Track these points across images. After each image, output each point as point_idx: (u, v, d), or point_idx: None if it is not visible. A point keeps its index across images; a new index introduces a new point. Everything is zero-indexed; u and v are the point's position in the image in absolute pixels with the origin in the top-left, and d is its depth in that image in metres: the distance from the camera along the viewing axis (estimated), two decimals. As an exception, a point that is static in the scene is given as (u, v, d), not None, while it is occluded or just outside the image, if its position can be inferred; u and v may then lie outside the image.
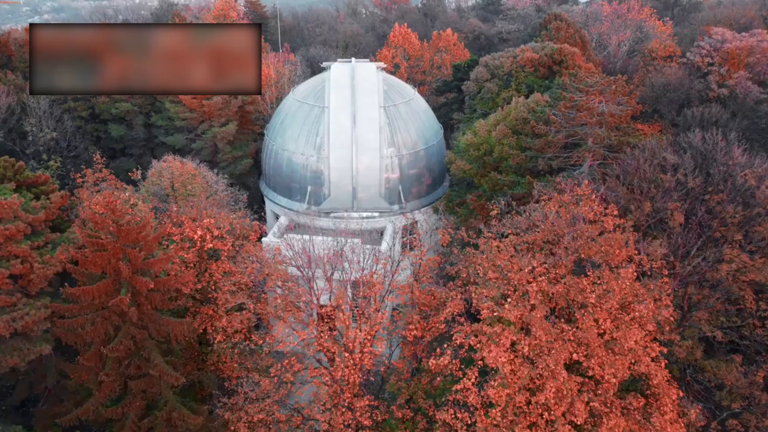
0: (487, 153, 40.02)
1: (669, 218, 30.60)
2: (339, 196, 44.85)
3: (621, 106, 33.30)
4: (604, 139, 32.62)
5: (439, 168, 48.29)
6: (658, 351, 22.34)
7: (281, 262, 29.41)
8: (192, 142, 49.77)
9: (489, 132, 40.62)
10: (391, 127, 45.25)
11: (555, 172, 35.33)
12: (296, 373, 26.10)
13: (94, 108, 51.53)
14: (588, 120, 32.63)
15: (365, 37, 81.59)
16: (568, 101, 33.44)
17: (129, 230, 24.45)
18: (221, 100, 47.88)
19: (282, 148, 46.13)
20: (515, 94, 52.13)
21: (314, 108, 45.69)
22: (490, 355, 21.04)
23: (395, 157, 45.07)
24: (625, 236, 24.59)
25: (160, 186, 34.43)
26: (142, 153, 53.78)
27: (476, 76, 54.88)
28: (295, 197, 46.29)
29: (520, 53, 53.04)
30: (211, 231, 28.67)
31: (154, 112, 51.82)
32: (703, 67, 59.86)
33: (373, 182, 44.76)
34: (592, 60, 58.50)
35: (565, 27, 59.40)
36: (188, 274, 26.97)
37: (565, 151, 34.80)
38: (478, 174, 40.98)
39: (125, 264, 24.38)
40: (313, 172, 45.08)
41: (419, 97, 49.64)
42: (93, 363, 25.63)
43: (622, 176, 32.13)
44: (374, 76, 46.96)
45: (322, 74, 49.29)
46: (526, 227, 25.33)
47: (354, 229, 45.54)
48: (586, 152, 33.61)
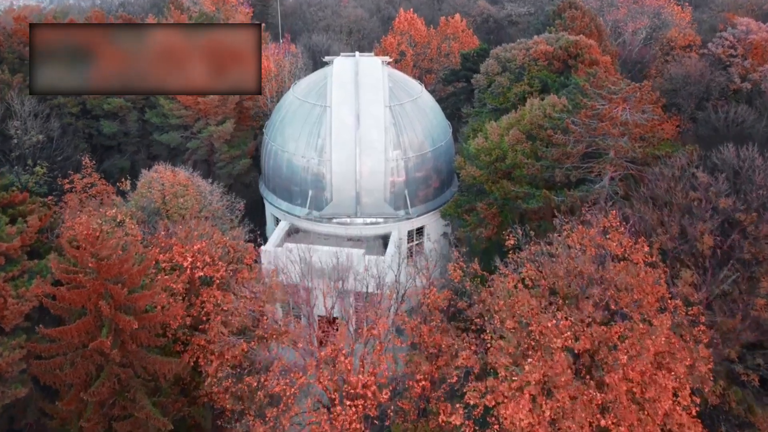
0: (499, 159, 37.55)
1: (698, 241, 28.27)
2: (341, 201, 42.51)
3: (646, 114, 30.72)
4: (627, 152, 30.12)
5: (447, 169, 45.82)
6: (692, 405, 20.19)
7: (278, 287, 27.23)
8: (188, 141, 47.33)
9: (501, 136, 38.10)
10: (396, 128, 42.69)
11: (573, 185, 32.91)
12: (294, 416, 24.07)
13: (86, 104, 49.03)
14: (610, 130, 30.10)
15: (370, 22, 78.44)
16: (589, 109, 30.88)
17: (110, 265, 22.26)
18: (218, 98, 45.32)
19: (282, 149, 43.70)
20: (527, 88, 49.50)
21: (315, 107, 43.12)
22: (508, 413, 18.93)
23: (401, 159, 42.59)
24: (656, 272, 22.27)
25: (150, 198, 32.17)
26: (136, 150, 51.39)
27: (486, 69, 52.08)
28: (295, 201, 43.96)
29: (533, 45, 50.18)
30: (202, 256, 26.46)
31: (148, 108, 49.28)
32: (725, 59, 56.89)
33: (377, 187, 42.36)
34: (609, 51, 55.54)
35: (580, 16, 56.36)
36: (177, 306, 24.83)
37: (585, 161, 32.33)
38: (489, 180, 38.56)
39: (106, 301, 22.24)
40: (314, 175, 42.68)
41: (426, 93, 46.99)
42: (73, 407, 23.63)
43: (646, 194, 29.72)
44: (379, 72, 44.28)
45: (324, 69, 46.62)
46: (548, 271, 22.86)
47: (357, 234, 43.37)
48: (607, 164, 31.14)
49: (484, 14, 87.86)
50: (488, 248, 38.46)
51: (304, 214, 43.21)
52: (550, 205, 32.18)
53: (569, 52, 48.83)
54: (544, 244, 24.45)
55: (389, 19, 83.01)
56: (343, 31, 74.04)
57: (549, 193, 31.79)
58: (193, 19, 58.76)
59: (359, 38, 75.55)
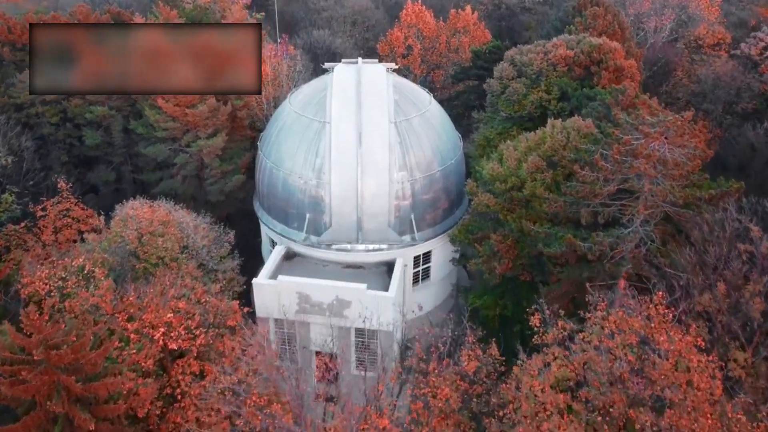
0: (515, 188, 33.80)
1: (745, 303, 24.64)
2: (341, 226, 38.89)
3: (687, 149, 26.88)
4: (666, 196, 26.33)
5: (457, 188, 42.05)
6: None
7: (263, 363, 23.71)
8: (176, 154, 43.66)
9: (519, 162, 34.28)
10: (402, 146, 38.86)
11: (600, 227, 29.17)
12: None
13: (67, 112, 45.36)
14: (647, 171, 26.31)
15: (375, 13, 74.00)
16: (622, 144, 27.04)
17: (61, 355, 18.88)
18: (207, 109, 41.52)
19: (277, 166, 39.98)
20: (544, 95, 45.51)
21: (313, 122, 39.29)
22: None
23: (407, 181, 38.83)
24: (711, 370, 18.72)
25: (125, 240, 28.66)
26: (122, 161, 47.80)
27: (501, 74, 47.93)
28: (291, 224, 40.37)
29: (552, 49, 45.98)
30: (177, 328, 23.03)
31: (133, 117, 45.57)
32: (759, 60, 52.56)
33: (380, 211, 38.69)
34: (633, 54, 51.26)
35: (602, 13, 51.94)
36: (147, 390, 21.46)
37: (615, 198, 28.56)
38: (505, 209, 34.86)
39: (59, 396, 18.92)
40: (312, 198, 39.01)
41: (435, 104, 42.99)
42: None
43: (687, 247, 26.04)
44: (383, 83, 40.32)
45: (324, 78, 42.66)
46: (578, 365, 19.34)
47: (359, 261, 39.87)
48: (641, 206, 27.40)
49: (495, 0, 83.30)
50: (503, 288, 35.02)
51: (301, 239, 39.68)
52: (575, 250, 28.55)
53: (592, 58, 44.69)
54: (573, 323, 20.88)
55: (396, 5, 78.46)
56: (347, 22, 69.67)
57: (574, 239, 28.08)
58: (185, 13, 54.70)
59: (364, 30, 71.18)
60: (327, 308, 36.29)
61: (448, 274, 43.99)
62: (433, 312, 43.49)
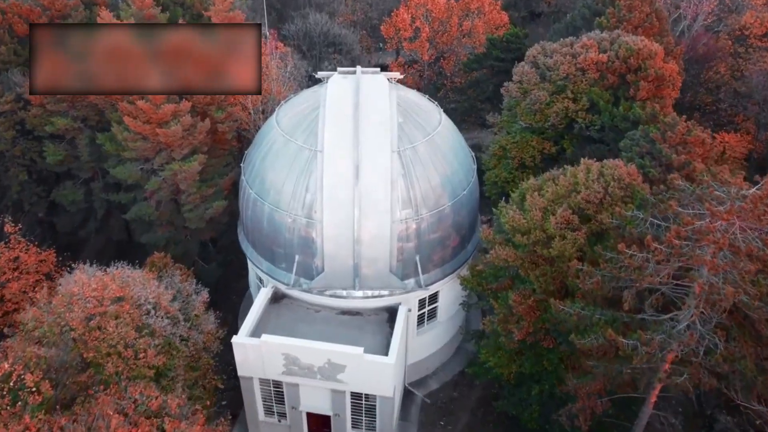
0: (540, 243, 28.41)
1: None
2: (336, 270, 33.68)
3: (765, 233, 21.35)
4: (736, 295, 20.92)
5: (469, 221, 36.63)
6: None
7: None
8: (149, 175, 38.16)
9: (545, 211, 28.75)
10: (406, 179, 33.22)
11: (646, 312, 23.86)
12: None
13: (24, 125, 39.72)
14: (713, 264, 20.85)
15: (379, -13, 66.98)
16: (683, 225, 21.49)
17: None
18: (182, 128, 35.77)
19: (261, 198, 34.54)
20: (571, 105, 39.72)
21: (303, 150, 33.60)
22: None
23: (412, 220, 33.36)
24: None
25: (67, 326, 23.58)
26: (91, 177, 42.34)
27: (521, 78, 41.92)
28: (279, 264, 35.18)
29: (581, 51, 39.81)
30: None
31: (101, 129, 39.91)
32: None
33: (381, 255, 33.37)
34: (673, 53, 44.88)
35: (638, 4, 45.26)
36: None
37: (668, 284, 23.16)
38: (526, 263, 29.60)
39: None
40: (302, 238, 33.68)
41: (445, 121, 36.99)
42: None
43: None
44: (386, 102, 34.40)
45: (316, 91, 36.73)
46: None
47: (356, 308, 34.86)
48: (700, 302, 22.05)
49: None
50: (521, 344, 30.11)
51: (289, 281, 34.58)
52: (615, 346, 23.34)
53: (628, 65, 38.55)
54: None
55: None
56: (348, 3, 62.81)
57: (615, 334, 22.81)
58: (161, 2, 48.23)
59: (367, 9, 64.31)
60: (318, 371, 31.52)
61: (457, 312, 39.02)
62: (437, 353, 38.98)
